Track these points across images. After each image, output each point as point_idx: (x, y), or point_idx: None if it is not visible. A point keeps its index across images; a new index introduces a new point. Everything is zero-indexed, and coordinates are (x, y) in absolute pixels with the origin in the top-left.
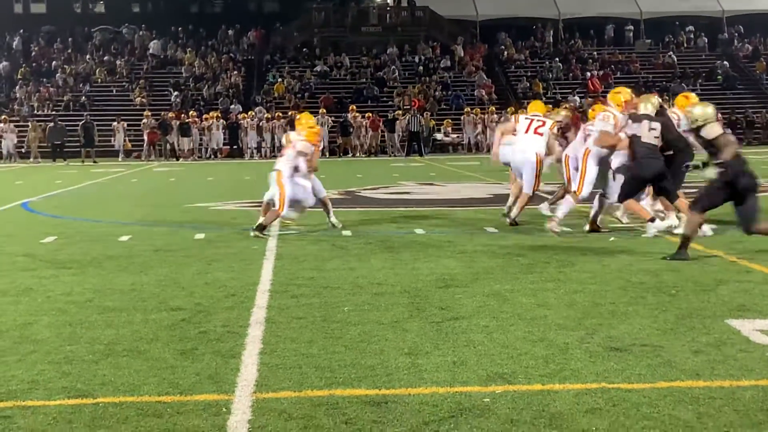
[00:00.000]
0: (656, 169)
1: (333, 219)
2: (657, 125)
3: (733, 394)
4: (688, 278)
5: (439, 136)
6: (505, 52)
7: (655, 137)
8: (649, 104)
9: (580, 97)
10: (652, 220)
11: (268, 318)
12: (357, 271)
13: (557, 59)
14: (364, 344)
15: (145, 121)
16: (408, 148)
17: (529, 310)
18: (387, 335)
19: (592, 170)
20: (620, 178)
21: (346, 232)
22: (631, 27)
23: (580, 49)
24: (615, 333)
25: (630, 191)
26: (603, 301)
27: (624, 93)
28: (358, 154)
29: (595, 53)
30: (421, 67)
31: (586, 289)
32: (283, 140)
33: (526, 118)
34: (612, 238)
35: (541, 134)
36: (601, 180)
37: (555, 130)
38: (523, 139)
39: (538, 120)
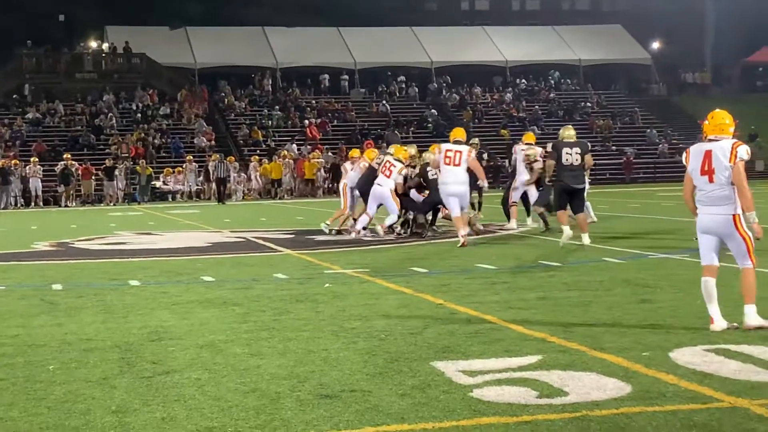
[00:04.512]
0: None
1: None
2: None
3: None
4: (397, 322)
5: (158, 183)
6: (225, 100)
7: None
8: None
9: (299, 145)
10: None
11: None
12: (66, 327)
13: (276, 107)
14: (69, 404)
15: None
16: (219, 194)
17: (242, 360)
18: (94, 394)
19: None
20: None
21: (57, 286)
22: (347, 77)
23: (298, 97)
24: (326, 380)
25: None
26: (316, 348)
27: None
28: (73, 204)
29: (313, 101)
30: (139, 115)
31: (299, 337)
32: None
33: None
34: (327, 285)
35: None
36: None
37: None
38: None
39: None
